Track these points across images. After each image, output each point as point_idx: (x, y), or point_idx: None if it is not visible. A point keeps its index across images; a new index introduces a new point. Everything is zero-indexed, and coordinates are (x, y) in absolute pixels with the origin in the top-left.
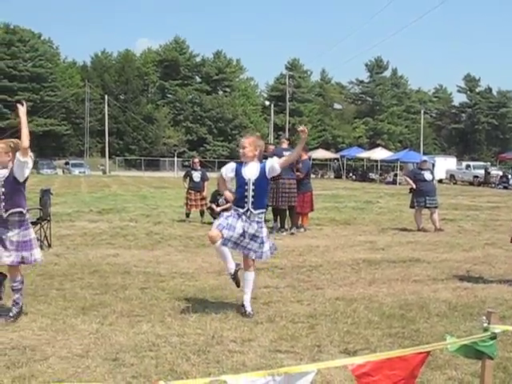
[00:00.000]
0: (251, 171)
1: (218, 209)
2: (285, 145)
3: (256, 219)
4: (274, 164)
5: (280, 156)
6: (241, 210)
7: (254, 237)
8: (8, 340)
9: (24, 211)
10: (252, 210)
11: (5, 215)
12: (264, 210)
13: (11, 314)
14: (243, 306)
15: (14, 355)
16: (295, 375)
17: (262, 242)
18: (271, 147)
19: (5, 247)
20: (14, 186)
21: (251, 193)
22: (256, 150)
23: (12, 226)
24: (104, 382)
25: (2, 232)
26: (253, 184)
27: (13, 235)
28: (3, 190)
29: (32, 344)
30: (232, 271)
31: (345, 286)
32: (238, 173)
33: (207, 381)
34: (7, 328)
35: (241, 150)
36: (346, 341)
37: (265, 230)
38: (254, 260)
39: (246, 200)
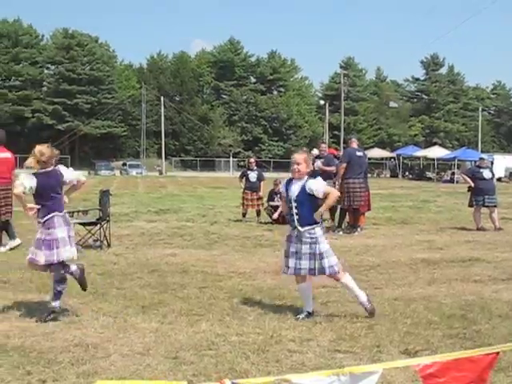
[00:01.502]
0: (295, 188)
1: (275, 215)
2: (354, 145)
3: (307, 236)
4: (319, 189)
5: (354, 157)
6: (291, 228)
7: (310, 255)
8: (71, 337)
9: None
10: (299, 227)
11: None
12: (314, 226)
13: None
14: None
15: (77, 352)
16: (360, 375)
17: (322, 258)
18: (323, 145)
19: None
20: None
21: (294, 210)
22: (308, 168)
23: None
24: (165, 380)
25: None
26: (295, 201)
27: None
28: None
29: (94, 342)
30: (303, 315)
31: (403, 286)
32: (286, 189)
33: (272, 379)
34: (70, 326)
35: (295, 166)
36: (406, 341)
37: (323, 247)
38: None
39: (292, 218)
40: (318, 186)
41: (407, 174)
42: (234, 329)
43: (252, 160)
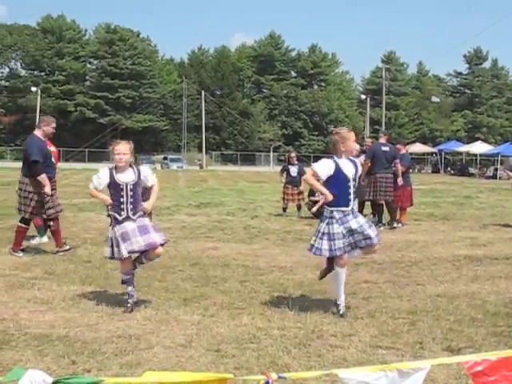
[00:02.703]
0: (349, 167)
1: (314, 209)
2: (383, 139)
3: (356, 212)
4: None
5: (378, 152)
6: (346, 209)
7: (364, 224)
8: (115, 328)
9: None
10: (354, 206)
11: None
12: None
13: (128, 305)
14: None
15: (120, 343)
16: (407, 372)
17: (371, 225)
18: (368, 140)
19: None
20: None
21: (353, 189)
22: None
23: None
24: (207, 372)
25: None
26: (353, 180)
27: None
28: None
29: (137, 333)
30: (340, 308)
31: (446, 283)
32: (337, 169)
33: (319, 373)
34: (113, 317)
35: (341, 145)
36: (449, 338)
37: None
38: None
39: (349, 197)
40: (360, 166)
41: (449, 169)
42: (276, 323)
43: (293, 154)
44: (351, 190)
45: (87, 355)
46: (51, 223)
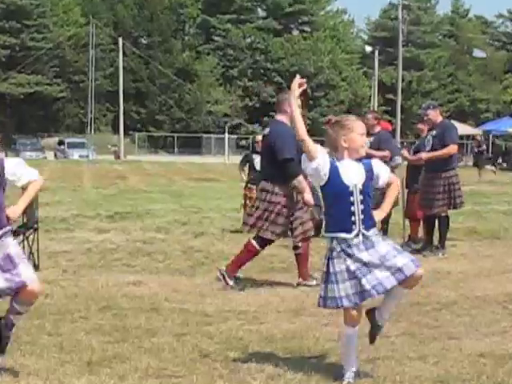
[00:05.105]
0: (354, 172)
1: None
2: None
3: (374, 238)
4: (385, 173)
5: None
6: (346, 236)
7: (388, 252)
8: None
9: None
10: (364, 230)
11: None
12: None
13: None
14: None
15: None
16: None
17: (400, 251)
18: (370, 116)
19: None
20: None
21: (360, 206)
22: None
23: None
24: None
25: None
26: (360, 192)
27: None
28: None
29: None
30: (350, 376)
31: (493, 336)
32: (333, 175)
33: None
34: None
35: (342, 141)
36: None
37: (389, 242)
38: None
39: (353, 218)
40: (383, 169)
41: (500, 161)
42: None
43: (259, 138)
44: (356, 208)
45: None
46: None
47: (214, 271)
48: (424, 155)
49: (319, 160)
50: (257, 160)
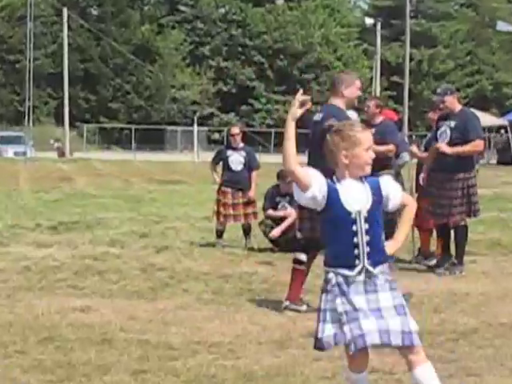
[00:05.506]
0: (357, 195)
1: (275, 233)
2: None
3: (382, 280)
4: (397, 195)
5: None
6: (348, 273)
7: (390, 309)
8: None
9: None
10: (370, 266)
11: None
12: (385, 263)
13: None
14: None
15: None
16: None
17: (405, 314)
18: (370, 104)
19: None
20: None
21: (365, 237)
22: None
23: None
24: None
25: None
26: (365, 220)
27: None
28: None
29: None
30: None
31: None
32: (331, 198)
33: None
34: None
35: (342, 155)
36: None
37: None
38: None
39: (356, 252)
40: (393, 188)
41: None
42: None
43: (236, 130)
44: (360, 239)
45: None
46: None
47: (180, 294)
48: (447, 148)
49: (314, 188)
50: (232, 157)
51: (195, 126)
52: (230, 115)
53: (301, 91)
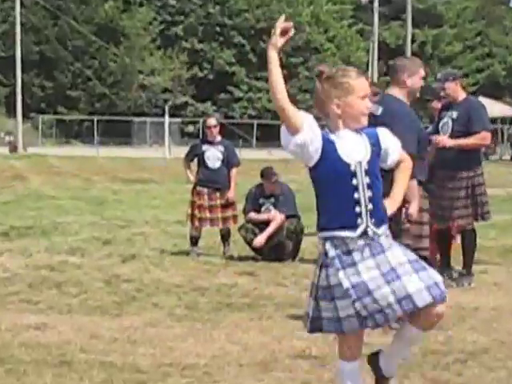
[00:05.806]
0: (355, 146)
1: (259, 240)
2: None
3: (383, 244)
4: (394, 149)
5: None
6: (349, 235)
7: (405, 264)
8: None
9: None
10: (373, 226)
11: None
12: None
13: None
14: None
15: None
16: None
17: (424, 267)
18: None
19: None
20: None
21: (367, 192)
22: None
23: None
24: None
25: None
26: (366, 173)
27: None
28: None
29: None
30: None
31: None
32: (328, 150)
33: None
34: None
35: (335, 106)
36: None
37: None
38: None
39: (358, 209)
40: (392, 141)
41: None
42: None
43: (213, 122)
44: (362, 195)
45: None
46: None
47: (149, 309)
48: (447, 141)
49: (306, 133)
50: (209, 153)
51: (166, 117)
52: (206, 104)
53: (282, 17)
